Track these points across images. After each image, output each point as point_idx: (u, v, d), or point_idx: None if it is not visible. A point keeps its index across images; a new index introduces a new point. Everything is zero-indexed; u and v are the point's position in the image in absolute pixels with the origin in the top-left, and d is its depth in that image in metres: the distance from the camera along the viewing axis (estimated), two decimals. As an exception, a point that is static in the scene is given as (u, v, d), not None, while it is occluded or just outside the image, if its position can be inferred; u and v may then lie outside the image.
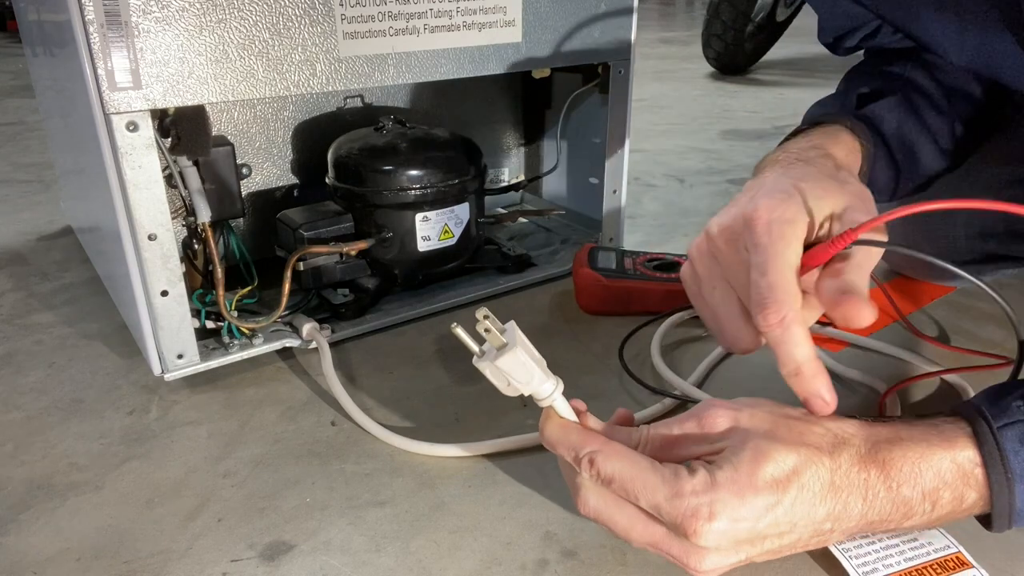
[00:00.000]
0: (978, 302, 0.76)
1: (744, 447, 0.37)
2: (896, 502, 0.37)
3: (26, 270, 0.88)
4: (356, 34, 0.60)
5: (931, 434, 0.38)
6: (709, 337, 0.69)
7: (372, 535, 0.46)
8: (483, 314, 0.39)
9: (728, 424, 0.40)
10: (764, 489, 0.36)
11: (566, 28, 0.72)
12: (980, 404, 0.39)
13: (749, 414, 0.40)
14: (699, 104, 1.92)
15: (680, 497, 0.36)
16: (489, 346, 0.40)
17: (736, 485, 0.36)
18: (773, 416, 0.39)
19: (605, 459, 0.38)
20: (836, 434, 0.38)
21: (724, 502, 0.36)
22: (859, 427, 0.39)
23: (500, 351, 0.39)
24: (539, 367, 0.40)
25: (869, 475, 0.37)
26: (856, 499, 0.37)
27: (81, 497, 0.50)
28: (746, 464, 0.37)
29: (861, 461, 0.37)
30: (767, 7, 2.37)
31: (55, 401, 0.61)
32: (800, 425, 0.39)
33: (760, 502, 0.36)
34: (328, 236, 0.70)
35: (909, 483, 0.37)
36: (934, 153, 0.57)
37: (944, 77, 0.56)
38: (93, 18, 0.49)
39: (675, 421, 0.41)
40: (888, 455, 0.37)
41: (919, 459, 0.37)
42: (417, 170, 0.70)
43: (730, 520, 0.36)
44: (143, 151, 0.54)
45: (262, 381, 0.64)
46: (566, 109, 0.88)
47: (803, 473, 0.37)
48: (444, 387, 0.63)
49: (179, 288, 0.58)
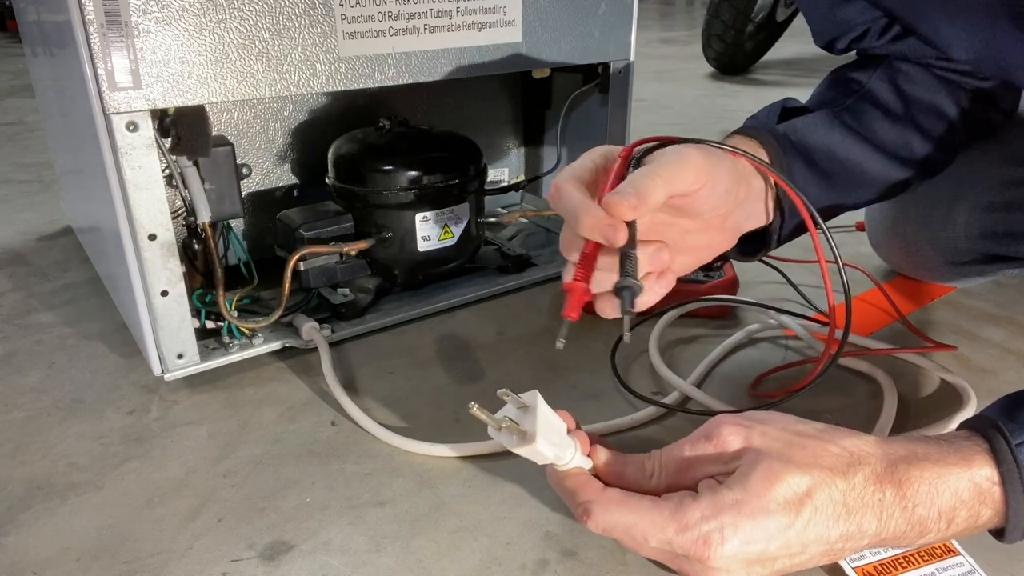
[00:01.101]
0: (978, 302, 0.76)
1: (756, 468, 0.37)
2: (911, 521, 0.37)
3: (26, 270, 0.88)
4: (356, 34, 0.60)
5: (948, 452, 0.38)
6: (709, 337, 0.69)
7: (372, 535, 0.46)
8: (505, 394, 0.41)
9: (740, 443, 0.39)
10: (776, 511, 0.36)
11: (566, 28, 0.72)
12: (997, 419, 0.38)
13: (761, 432, 0.39)
14: (699, 104, 1.92)
15: (688, 529, 0.36)
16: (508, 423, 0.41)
17: (747, 507, 0.36)
18: (787, 434, 0.39)
19: (603, 509, 0.39)
20: (852, 453, 0.38)
21: (735, 525, 0.36)
22: (875, 445, 0.39)
23: (520, 439, 0.40)
24: (558, 446, 0.41)
25: (884, 495, 0.37)
26: (871, 519, 0.37)
27: (81, 497, 0.50)
28: (758, 486, 0.36)
29: (877, 481, 0.37)
30: (767, 7, 2.37)
31: (55, 401, 0.61)
32: (814, 444, 0.38)
33: (772, 524, 0.36)
34: (328, 236, 0.70)
35: (925, 503, 0.37)
36: (886, 163, 0.57)
37: (911, 89, 0.57)
38: (93, 18, 0.49)
39: (687, 443, 0.41)
40: (905, 475, 0.37)
41: (936, 479, 0.37)
42: (417, 170, 0.70)
43: (742, 542, 0.36)
44: (143, 151, 0.54)
45: (262, 381, 0.64)
46: (566, 109, 0.88)
47: (816, 495, 0.36)
48: (444, 387, 0.63)
49: (179, 288, 0.58)
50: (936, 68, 0.57)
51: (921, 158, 0.58)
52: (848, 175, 0.57)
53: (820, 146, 0.55)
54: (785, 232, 0.54)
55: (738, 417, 0.41)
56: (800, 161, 0.55)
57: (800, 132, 0.55)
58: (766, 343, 0.69)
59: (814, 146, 0.55)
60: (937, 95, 0.57)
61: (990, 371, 0.64)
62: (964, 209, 0.67)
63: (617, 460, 0.43)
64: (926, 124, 0.57)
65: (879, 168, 0.57)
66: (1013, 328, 0.71)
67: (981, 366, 0.65)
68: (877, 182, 0.58)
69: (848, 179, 0.57)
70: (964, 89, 0.57)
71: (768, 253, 0.57)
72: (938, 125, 0.58)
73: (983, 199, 0.66)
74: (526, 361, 0.66)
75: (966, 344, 0.68)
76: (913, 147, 0.57)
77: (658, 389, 0.62)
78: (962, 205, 0.67)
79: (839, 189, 0.57)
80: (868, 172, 0.57)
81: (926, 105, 0.57)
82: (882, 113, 0.57)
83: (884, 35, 0.57)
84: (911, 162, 0.58)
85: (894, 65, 0.58)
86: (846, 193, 0.58)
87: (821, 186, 0.56)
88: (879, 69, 0.58)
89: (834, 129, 0.56)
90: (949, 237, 0.69)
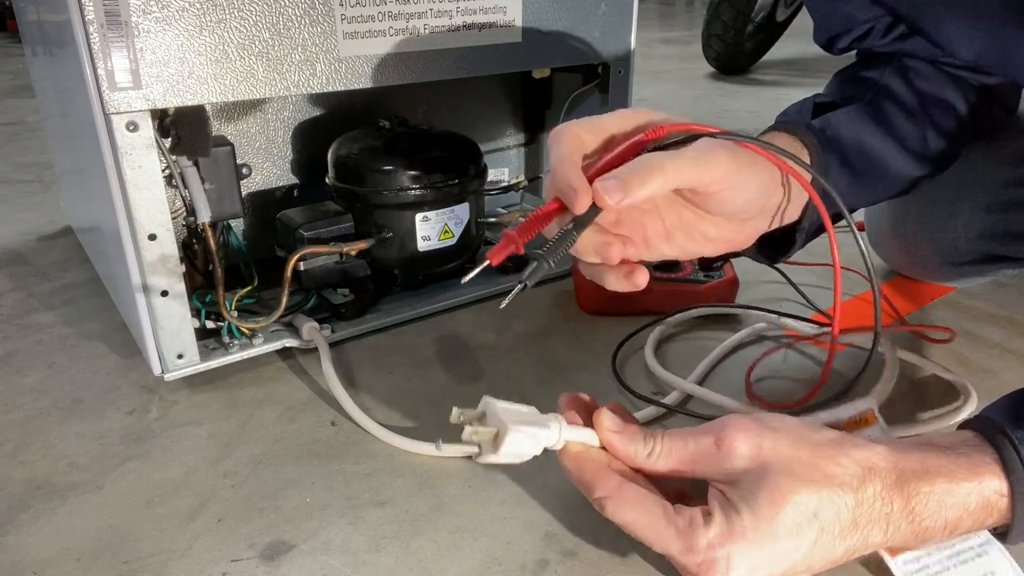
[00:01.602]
0: (978, 302, 0.76)
1: (763, 486, 0.36)
2: (917, 532, 0.37)
3: (26, 270, 0.88)
4: (356, 34, 0.60)
5: (957, 465, 0.37)
6: (708, 336, 0.69)
7: (372, 535, 0.46)
8: (458, 417, 0.39)
9: (748, 452, 0.38)
10: (784, 536, 0.36)
11: (566, 28, 0.72)
12: (1004, 423, 0.38)
13: (772, 442, 0.38)
14: (699, 104, 1.92)
15: (694, 552, 0.36)
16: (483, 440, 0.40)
17: (756, 533, 0.36)
18: (797, 447, 0.38)
19: (616, 507, 0.38)
20: (864, 466, 0.37)
21: (743, 553, 0.36)
22: (886, 456, 0.38)
23: (496, 442, 0.38)
24: (536, 424, 0.40)
25: (892, 509, 0.37)
26: (877, 532, 0.37)
27: (81, 497, 0.50)
28: (766, 509, 0.36)
29: (887, 494, 0.37)
30: (767, 7, 2.37)
31: (55, 401, 0.61)
32: (826, 455, 0.37)
33: (780, 550, 0.36)
34: (328, 236, 0.70)
35: (932, 517, 0.37)
36: (906, 159, 0.57)
37: (923, 84, 0.57)
38: (93, 18, 0.49)
39: (692, 434, 0.40)
40: (915, 489, 0.37)
41: (945, 494, 0.37)
42: (417, 170, 0.70)
43: (748, 569, 0.36)
44: (143, 151, 0.54)
45: (262, 381, 0.64)
46: (566, 109, 0.88)
47: (823, 515, 0.36)
48: (444, 387, 0.63)
49: (179, 288, 0.58)
50: (943, 64, 0.57)
51: (934, 154, 0.58)
52: (874, 171, 0.56)
53: (852, 142, 0.55)
54: (810, 234, 0.53)
55: (749, 421, 0.39)
56: (836, 158, 0.54)
57: (835, 127, 0.54)
58: (768, 342, 0.69)
59: (848, 142, 0.55)
60: (946, 90, 0.57)
61: (990, 371, 0.64)
62: (964, 209, 0.67)
63: (626, 430, 0.42)
64: (939, 119, 0.57)
65: (900, 164, 0.57)
66: (1013, 328, 0.71)
67: (981, 366, 0.65)
68: (895, 178, 0.58)
69: (873, 175, 0.57)
70: (971, 85, 0.57)
71: (790, 257, 0.55)
72: (949, 120, 0.57)
73: (983, 199, 0.66)
74: (526, 361, 0.66)
75: (966, 344, 0.68)
76: (928, 142, 0.57)
77: (658, 389, 0.62)
78: (962, 205, 0.67)
79: (863, 185, 0.57)
80: (891, 168, 0.57)
81: (938, 101, 0.57)
82: (900, 108, 0.56)
83: (888, 34, 0.56)
84: (926, 158, 0.57)
85: (903, 62, 0.57)
86: (868, 190, 0.57)
87: (850, 183, 0.55)
88: (890, 66, 0.58)
89: (865, 124, 0.55)
90: (949, 237, 0.69)
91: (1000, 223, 0.65)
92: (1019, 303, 0.76)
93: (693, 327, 0.71)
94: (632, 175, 0.38)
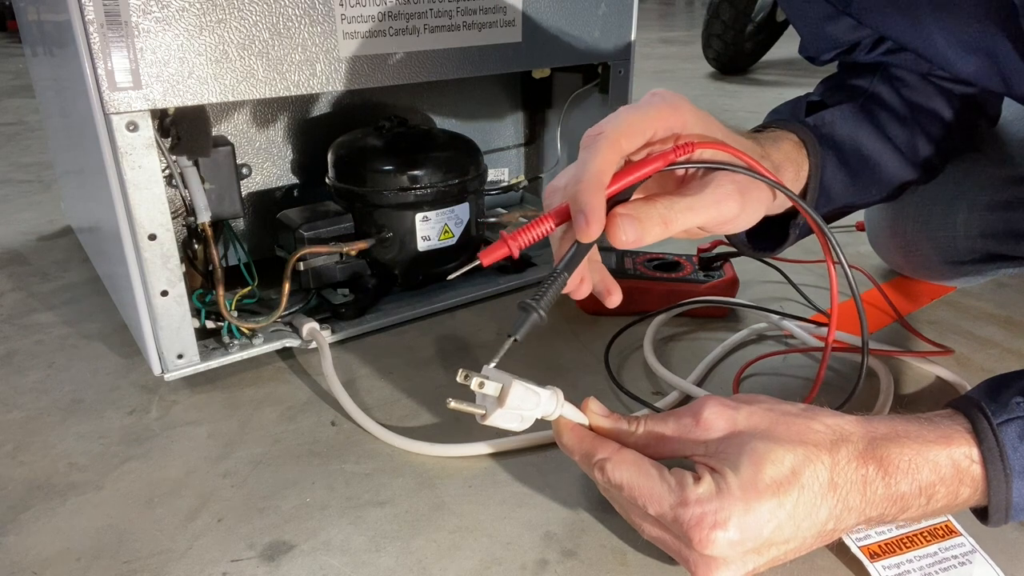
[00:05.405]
0: (978, 302, 0.76)
1: (743, 451, 0.38)
2: (893, 497, 0.38)
3: (26, 270, 0.88)
4: (356, 34, 0.60)
5: (928, 430, 0.39)
6: (707, 336, 0.69)
7: (372, 535, 0.46)
8: (464, 376, 0.40)
9: (725, 425, 0.40)
10: (766, 493, 0.36)
11: (566, 28, 0.72)
12: (980, 399, 0.39)
13: (747, 413, 0.40)
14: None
15: (685, 506, 0.37)
16: (486, 398, 0.41)
17: (741, 491, 0.36)
18: (772, 414, 0.40)
19: (614, 467, 0.40)
20: (836, 431, 0.39)
21: (729, 509, 0.36)
22: (857, 423, 0.40)
23: (501, 396, 0.40)
24: (539, 388, 0.41)
25: (867, 471, 0.37)
26: (855, 495, 0.37)
27: (81, 497, 0.50)
28: (746, 468, 0.37)
29: (860, 457, 0.38)
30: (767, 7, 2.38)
31: (55, 401, 0.61)
32: (799, 423, 0.39)
33: (764, 507, 0.36)
34: (328, 236, 0.70)
35: (907, 479, 0.37)
36: (899, 162, 0.57)
37: (910, 93, 0.57)
38: (93, 18, 0.49)
39: (671, 416, 0.42)
40: (886, 451, 0.38)
41: (916, 455, 0.38)
42: (417, 170, 0.70)
43: (737, 528, 0.36)
44: (143, 151, 0.54)
45: (262, 381, 0.64)
46: (566, 109, 0.88)
47: (802, 473, 0.37)
48: (444, 387, 0.63)
49: (179, 288, 0.58)
50: (930, 76, 0.57)
51: (924, 160, 0.58)
52: (869, 172, 0.57)
53: (848, 140, 0.55)
54: (804, 231, 0.54)
55: (724, 399, 0.41)
56: (832, 155, 0.54)
57: (829, 124, 0.55)
58: (770, 341, 0.69)
59: (843, 140, 0.55)
60: (934, 100, 0.58)
61: (990, 371, 0.64)
62: (963, 208, 0.67)
63: (612, 415, 0.44)
64: (928, 127, 0.57)
65: (894, 167, 0.57)
66: (1013, 328, 0.71)
67: (981, 366, 0.65)
68: (889, 181, 0.58)
69: (869, 176, 0.57)
70: (956, 95, 0.58)
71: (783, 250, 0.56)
72: (938, 129, 0.58)
73: (982, 198, 0.66)
74: (526, 361, 0.66)
75: (966, 344, 0.68)
76: (919, 149, 0.58)
77: (656, 389, 0.62)
78: (961, 204, 0.67)
79: (859, 186, 0.57)
80: (885, 170, 0.57)
81: (926, 109, 0.57)
82: (891, 114, 0.57)
83: (875, 49, 0.57)
84: (916, 164, 0.58)
85: (890, 71, 0.58)
86: (863, 191, 0.58)
87: (845, 183, 0.55)
88: (877, 75, 0.58)
89: (860, 123, 0.56)
90: (948, 236, 0.69)
91: (1000, 221, 0.65)
92: (1019, 303, 0.76)
93: (693, 327, 0.71)
94: (648, 220, 0.39)
